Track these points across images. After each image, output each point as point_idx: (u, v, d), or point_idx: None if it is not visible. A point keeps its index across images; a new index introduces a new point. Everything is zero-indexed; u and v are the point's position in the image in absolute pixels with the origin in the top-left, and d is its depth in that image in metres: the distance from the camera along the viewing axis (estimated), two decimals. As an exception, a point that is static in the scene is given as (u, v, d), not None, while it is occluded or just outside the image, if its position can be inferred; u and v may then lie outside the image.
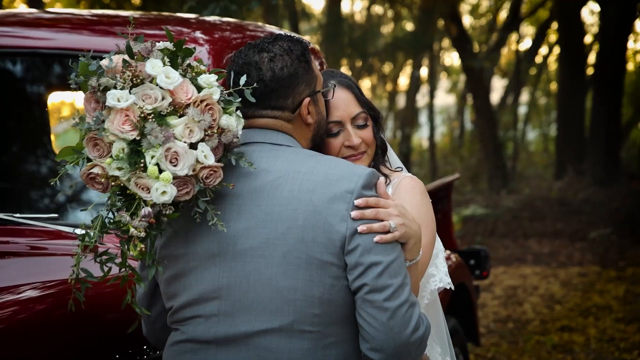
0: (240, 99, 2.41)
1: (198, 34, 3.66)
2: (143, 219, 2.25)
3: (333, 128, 2.78)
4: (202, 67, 2.41)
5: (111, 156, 2.27)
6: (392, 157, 2.96)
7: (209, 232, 2.40)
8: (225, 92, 2.40)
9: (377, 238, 2.35)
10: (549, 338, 7.93)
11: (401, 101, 24.55)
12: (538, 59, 24.63)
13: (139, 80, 2.29)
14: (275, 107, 2.52)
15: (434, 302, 2.93)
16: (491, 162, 17.25)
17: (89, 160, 2.31)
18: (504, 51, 24.42)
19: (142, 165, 2.25)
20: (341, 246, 2.35)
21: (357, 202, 2.36)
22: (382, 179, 2.44)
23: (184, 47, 2.37)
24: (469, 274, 5.38)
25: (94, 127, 2.28)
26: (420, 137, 28.82)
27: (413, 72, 17.81)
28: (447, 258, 5.13)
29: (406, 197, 2.76)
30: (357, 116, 2.80)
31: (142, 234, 2.26)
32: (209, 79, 2.37)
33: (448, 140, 26.86)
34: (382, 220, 2.36)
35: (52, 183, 2.36)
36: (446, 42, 22.10)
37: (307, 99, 2.55)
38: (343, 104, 2.78)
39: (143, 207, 2.27)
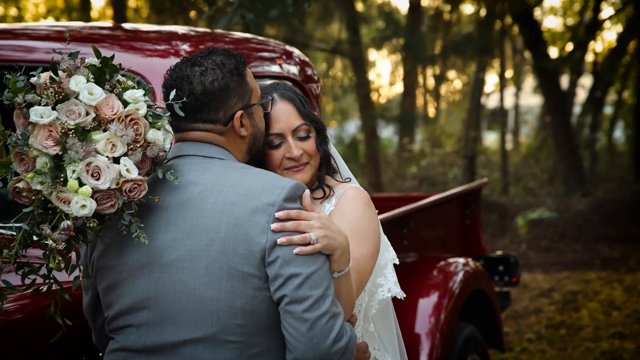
0: (169, 113, 2.47)
1: (185, 47, 3.74)
2: (62, 232, 2.32)
3: (274, 140, 2.80)
4: (130, 83, 2.47)
5: (34, 170, 2.35)
6: (342, 167, 2.98)
7: (138, 243, 2.46)
8: (155, 106, 2.46)
9: (296, 250, 2.37)
10: (599, 345, 7.76)
11: (490, 102, 24.32)
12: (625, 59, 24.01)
13: (61, 97, 2.36)
14: (206, 120, 2.57)
15: (386, 312, 2.93)
16: (567, 164, 16.89)
17: (16, 174, 2.39)
18: (592, 47, 23.87)
19: (62, 179, 2.33)
20: (261, 258, 2.39)
21: (278, 214, 2.39)
22: (307, 191, 2.46)
23: (110, 63, 2.43)
24: (489, 280, 5.33)
25: (20, 142, 2.36)
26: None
27: (477, 73, 17.62)
28: (465, 264, 5.10)
29: (349, 207, 2.77)
30: (298, 128, 2.82)
31: (61, 247, 2.33)
32: (134, 95, 2.42)
33: (528, 141, 26.39)
34: (303, 233, 2.38)
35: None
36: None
37: (240, 112, 2.58)
38: (284, 116, 2.81)
39: (64, 220, 2.34)
